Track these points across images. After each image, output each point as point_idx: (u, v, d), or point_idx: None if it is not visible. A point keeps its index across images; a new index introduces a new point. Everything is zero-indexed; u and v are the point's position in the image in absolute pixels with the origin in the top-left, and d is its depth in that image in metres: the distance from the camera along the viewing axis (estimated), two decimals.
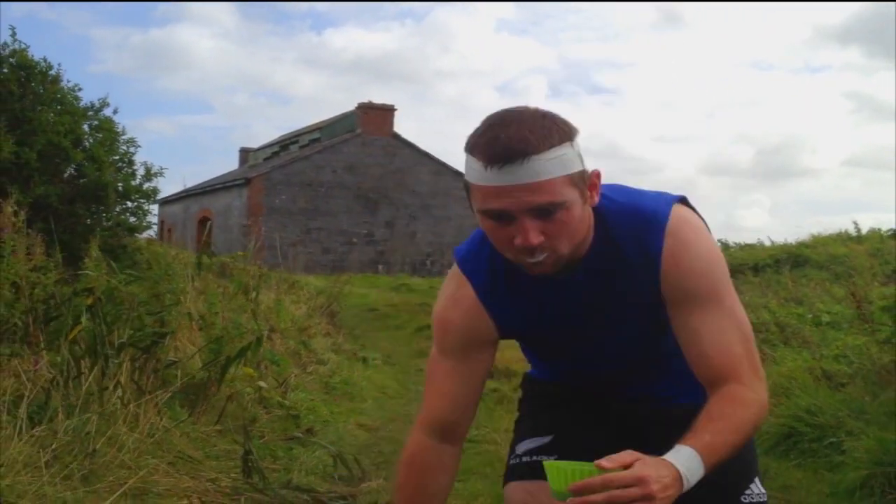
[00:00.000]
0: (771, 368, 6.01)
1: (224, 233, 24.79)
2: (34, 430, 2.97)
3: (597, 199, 1.49)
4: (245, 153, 34.09)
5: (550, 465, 1.26)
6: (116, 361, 3.55)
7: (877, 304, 5.45)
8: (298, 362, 6.38)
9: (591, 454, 1.45)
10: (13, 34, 8.07)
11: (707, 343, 1.49)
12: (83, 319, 3.56)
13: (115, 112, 8.62)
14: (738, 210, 54.12)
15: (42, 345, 3.65)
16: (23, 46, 7.48)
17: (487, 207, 1.41)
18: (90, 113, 7.92)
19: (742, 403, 1.42)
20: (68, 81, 7.91)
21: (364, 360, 7.78)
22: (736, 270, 12.65)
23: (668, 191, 1.63)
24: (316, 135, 27.88)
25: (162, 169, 8.31)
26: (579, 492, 1.19)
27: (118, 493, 2.96)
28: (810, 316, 7.86)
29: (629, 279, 1.54)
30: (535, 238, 1.38)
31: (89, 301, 3.61)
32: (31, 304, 3.75)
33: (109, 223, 7.65)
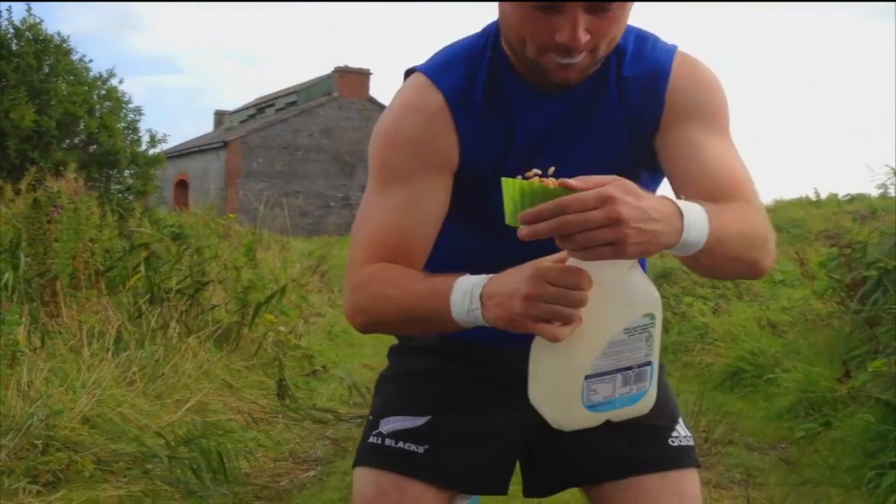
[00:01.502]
0: (723, 319, 6.81)
1: (202, 196, 25.07)
2: (117, 358, 3.64)
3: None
4: (220, 116, 34.20)
5: (510, 183, 0.97)
6: (171, 304, 4.22)
7: (814, 261, 6.17)
8: (301, 314, 7.04)
9: (478, 448, 1.34)
10: (28, 9, 8.55)
11: (709, 157, 1.23)
12: (141, 269, 4.22)
13: (121, 82, 9.23)
14: None
15: (104, 290, 4.29)
16: (37, 21, 7.99)
17: None
18: (99, 83, 8.45)
19: (752, 211, 1.18)
20: (77, 53, 8.45)
21: None
22: None
23: None
24: (292, 98, 28.07)
25: (165, 136, 8.87)
26: (529, 221, 0.94)
27: (185, 408, 3.65)
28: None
29: (633, 96, 1.29)
30: (584, 35, 1.13)
31: (146, 254, 4.27)
32: (92, 255, 4.38)
33: (120, 186, 8.24)
